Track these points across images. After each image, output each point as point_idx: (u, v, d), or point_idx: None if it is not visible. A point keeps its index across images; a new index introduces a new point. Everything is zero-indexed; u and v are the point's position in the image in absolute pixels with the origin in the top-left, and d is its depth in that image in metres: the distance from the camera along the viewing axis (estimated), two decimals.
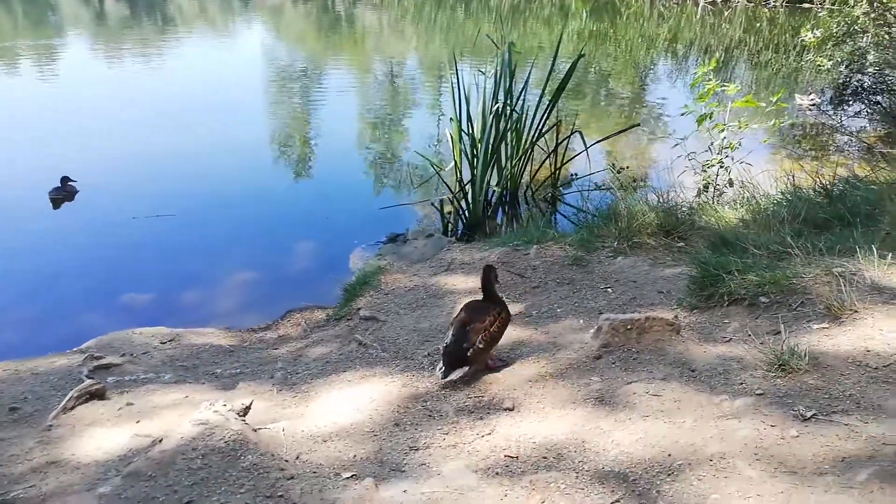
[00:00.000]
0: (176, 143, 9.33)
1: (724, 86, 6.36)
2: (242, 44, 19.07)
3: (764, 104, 6.62)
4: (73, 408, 2.94)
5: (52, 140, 9.27)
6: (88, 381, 3.14)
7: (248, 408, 2.66)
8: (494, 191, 7.22)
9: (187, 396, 3.19)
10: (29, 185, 7.72)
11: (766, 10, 22.57)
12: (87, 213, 7.24)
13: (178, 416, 2.86)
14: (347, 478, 2.31)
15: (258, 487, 2.21)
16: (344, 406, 2.99)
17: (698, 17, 22.26)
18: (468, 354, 3.08)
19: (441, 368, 3.10)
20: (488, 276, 3.40)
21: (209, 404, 2.54)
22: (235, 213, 7.36)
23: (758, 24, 20.48)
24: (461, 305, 3.50)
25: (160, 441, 2.45)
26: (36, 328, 5.30)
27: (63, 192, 7.38)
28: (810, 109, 10.86)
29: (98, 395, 3.07)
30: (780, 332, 3.11)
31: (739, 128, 6.28)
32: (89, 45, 17.19)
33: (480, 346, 3.11)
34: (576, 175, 7.71)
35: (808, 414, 2.47)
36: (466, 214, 6.96)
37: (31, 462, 2.56)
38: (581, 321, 3.86)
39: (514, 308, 4.30)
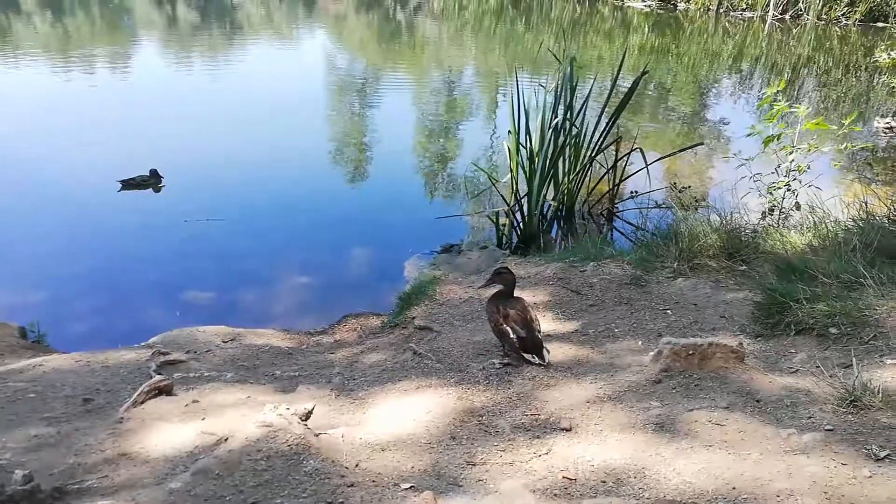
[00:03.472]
0: (235, 146, 9.60)
1: (794, 107, 6.19)
2: (305, 50, 19.51)
3: (835, 127, 6.42)
4: (142, 402, 3.06)
5: (116, 141, 9.64)
6: (157, 377, 3.25)
7: (310, 412, 2.72)
8: (550, 205, 7.19)
9: (249, 396, 3.27)
10: (89, 183, 8.07)
11: (838, 29, 21.87)
12: (146, 212, 7.52)
13: (241, 416, 2.94)
14: (406, 489, 2.33)
15: (319, 493, 2.25)
16: (400, 416, 3.02)
17: (765, 33, 21.70)
18: (541, 339, 3.57)
19: (533, 356, 3.52)
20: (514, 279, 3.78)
21: (273, 407, 2.60)
22: (291, 217, 7.53)
23: (827, 43, 19.85)
24: (497, 302, 3.67)
25: (226, 440, 2.53)
26: (103, 320, 5.53)
27: (135, 182, 7.71)
28: (885, 132, 10.46)
29: (166, 390, 3.19)
30: (851, 366, 3.01)
31: (809, 150, 6.10)
32: (160, 50, 17.87)
33: (541, 333, 3.60)
34: (635, 192, 7.61)
35: (882, 454, 2.37)
36: (521, 227, 6.94)
37: (103, 453, 2.67)
38: (640, 343, 3.81)
39: (569, 326, 4.28)
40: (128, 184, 7.71)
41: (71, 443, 2.80)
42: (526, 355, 3.53)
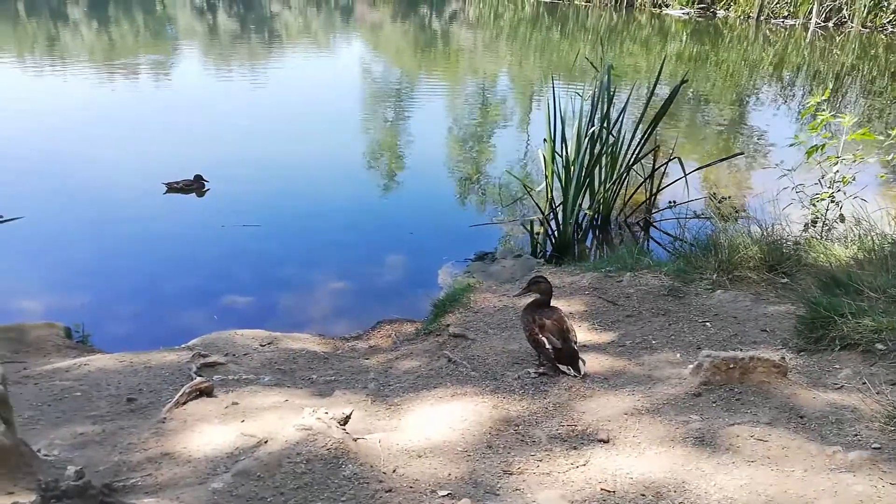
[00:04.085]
0: (273, 152, 9.75)
1: (838, 116, 6.06)
2: (341, 58, 19.76)
3: (882, 137, 6.25)
4: (184, 403, 3.13)
5: (160, 147, 9.85)
6: (199, 379, 3.32)
7: (348, 417, 2.75)
8: (586, 214, 7.14)
9: (287, 400, 3.32)
10: (134, 187, 8.28)
11: (883, 37, 21.32)
12: (188, 216, 7.68)
13: (280, 418, 2.98)
14: (443, 496, 2.34)
15: (358, 497, 2.27)
16: (436, 423, 3.02)
17: (807, 41, 21.29)
18: (577, 350, 3.54)
19: (568, 368, 3.49)
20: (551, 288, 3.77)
21: (312, 411, 2.64)
22: (326, 223, 7.60)
23: (873, 51, 19.38)
24: (533, 312, 3.65)
25: (266, 442, 2.57)
26: (144, 321, 5.66)
27: (180, 185, 7.90)
28: None
29: (206, 392, 3.25)
30: None
31: (854, 161, 5.96)
32: (201, 58, 18.28)
33: (577, 344, 3.57)
34: (673, 202, 7.52)
35: None
36: (556, 236, 6.91)
37: (146, 452, 2.74)
38: (678, 355, 3.76)
39: (606, 336, 4.25)
40: (172, 188, 7.90)
41: (115, 441, 2.88)
42: (561, 366, 3.51)
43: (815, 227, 5.99)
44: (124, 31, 22.24)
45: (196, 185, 8.01)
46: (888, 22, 22.15)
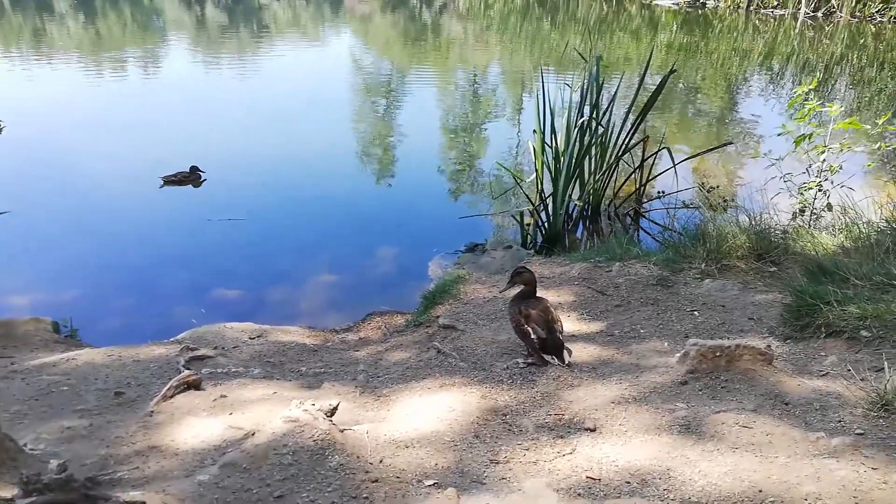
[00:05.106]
0: (263, 144, 9.72)
1: (826, 105, 6.08)
2: (331, 51, 19.68)
3: (869, 126, 6.28)
4: (172, 396, 3.12)
5: (147, 138, 9.81)
6: (186, 372, 3.32)
7: (335, 409, 2.75)
8: (576, 205, 7.16)
9: (275, 392, 3.32)
10: (129, 180, 8.23)
11: (872, 26, 21.39)
12: (171, 211, 7.64)
13: (268, 411, 2.98)
14: (429, 485, 2.34)
15: (344, 488, 2.28)
16: (424, 413, 3.03)
17: (797, 31, 21.33)
18: (562, 340, 3.55)
19: (553, 357, 3.51)
20: (534, 278, 3.78)
21: (299, 402, 2.64)
22: (316, 215, 7.59)
23: (861, 40, 19.44)
24: (519, 303, 3.68)
25: (253, 435, 2.57)
26: (133, 315, 5.63)
27: (177, 177, 7.86)
28: None
29: (194, 385, 3.24)
30: (882, 369, 2.96)
31: (841, 150, 5.98)
32: (189, 50, 18.15)
33: (562, 334, 3.58)
34: (662, 192, 7.54)
35: None
36: (546, 227, 6.92)
37: (134, 445, 2.73)
38: (666, 344, 3.78)
39: (595, 326, 4.26)
40: (168, 181, 7.86)
41: (103, 435, 2.87)
42: (546, 356, 3.53)
43: (802, 215, 6.02)
44: (112, 24, 22.04)
45: (192, 177, 7.97)
46: (877, 11, 22.23)
